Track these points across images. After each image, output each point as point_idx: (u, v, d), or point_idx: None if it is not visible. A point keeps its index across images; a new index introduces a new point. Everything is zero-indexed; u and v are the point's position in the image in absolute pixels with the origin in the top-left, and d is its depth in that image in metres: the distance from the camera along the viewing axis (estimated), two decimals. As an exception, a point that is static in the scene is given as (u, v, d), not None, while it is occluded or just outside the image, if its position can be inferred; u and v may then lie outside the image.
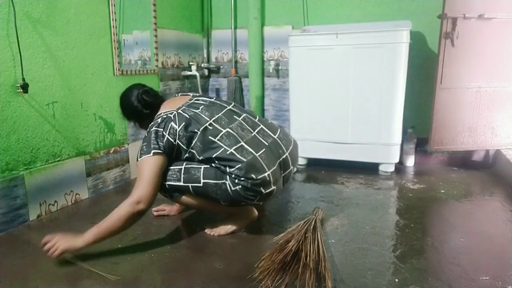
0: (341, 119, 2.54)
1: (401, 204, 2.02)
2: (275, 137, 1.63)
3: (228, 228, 1.67)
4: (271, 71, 3.11)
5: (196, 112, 1.59)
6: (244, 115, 1.66)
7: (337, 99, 2.53)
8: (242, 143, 1.52)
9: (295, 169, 1.71)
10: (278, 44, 3.08)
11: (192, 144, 1.55)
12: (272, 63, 3.11)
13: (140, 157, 1.53)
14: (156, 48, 2.62)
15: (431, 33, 2.68)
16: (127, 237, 1.65)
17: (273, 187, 1.54)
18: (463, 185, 2.30)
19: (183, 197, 1.61)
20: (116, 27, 2.23)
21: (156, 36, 2.60)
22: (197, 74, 3.00)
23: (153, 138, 1.53)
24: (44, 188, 1.86)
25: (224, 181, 1.52)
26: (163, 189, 1.58)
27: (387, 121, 2.44)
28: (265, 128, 1.64)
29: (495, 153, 2.64)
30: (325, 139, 2.62)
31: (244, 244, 1.59)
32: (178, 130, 1.54)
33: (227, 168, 1.50)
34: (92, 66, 2.11)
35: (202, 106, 1.62)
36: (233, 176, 1.50)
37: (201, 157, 1.55)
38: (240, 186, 1.49)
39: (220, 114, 1.61)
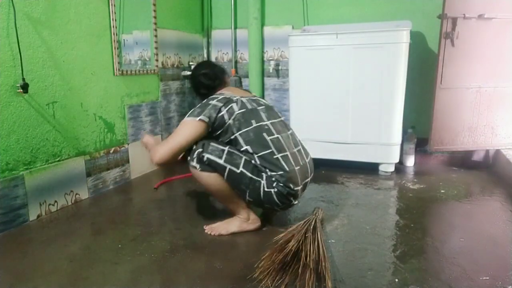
0: (341, 119, 2.54)
1: (401, 204, 2.02)
2: (307, 161, 1.75)
3: (228, 228, 1.68)
4: (271, 71, 3.11)
5: (257, 108, 1.69)
6: (291, 131, 1.78)
7: (337, 99, 2.53)
8: (288, 153, 1.63)
9: None
10: (278, 44, 3.09)
11: (243, 131, 1.61)
12: (272, 63, 3.11)
13: (187, 116, 1.63)
14: (156, 48, 2.62)
15: (431, 33, 2.68)
16: (127, 237, 1.65)
17: (296, 202, 1.67)
18: (463, 185, 2.30)
19: (211, 174, 1.59)
20: (116, 27, 2.23)
21: (156, 36, 2.60)
22: (197, 74, 3.00)
23: (209, 108, 1.61)
24: (44, 188, 1.86)
25: (260, 179, 1.58)
26: (198, 159, 1.59)
27: (387, 121, 2.44)
28: (302, 150, 1.76)
29: (495, 153, 2.64)
30: (325, 139, 2.62)
31: (244, 244, 1.59)
32: (236, 112, 1.62)
33: (267, 170, 1.58)
34: (92, 66, 2.11)
35: (263, 107, 1.72)
36: (272, 179, 1.57)
37: (247, 147, 1.59)
38: (276, 190, 1.57)
39: (275, 121, 1.71)
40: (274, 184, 1.57)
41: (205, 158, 1.58)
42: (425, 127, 2.62)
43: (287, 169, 1.58)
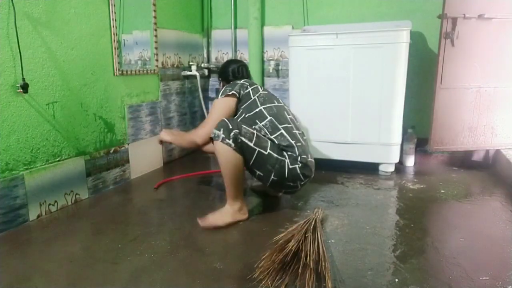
0: (341, 119, 2.54)
1: (401, 204, 2.02)
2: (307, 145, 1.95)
3: (224, 219, 1.75)
4: (271, 71, 3.11)
5: (276, 97, 1.99)
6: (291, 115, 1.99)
7: (337, 99, 2.52)
8: (298, 132, 1.88)
9: None
10: (278, 44, 3.09)
11: (267, 106, 1.87)
12: (272, 63, 3.11)
13: (220, 95, 1.90)
14: (156, 48, 2.62)
15: (431, 33, 2.68)
16: (127, 237, 1.65)
17: (312, 175, 1.87)
18: (463, 185, 2.30)
19: (239, 156, 1.70)
20: (116, 27, 2.23)
21: (156, 36, 2.60)
22: (197, 74, 3.00)
23: (238, 86, 1.91)
24: (44, 188, 1.86)
25: (283, 158, 1.77)
26: (234, 139, 1.68)
27: (387, 121, 2.44)
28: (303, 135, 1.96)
29: (495, 153, 2.64)
30: (325, 139, 2.62)
31: (244, 244, 1.60)
32: (261, 91, 1.93)
33: (288, 147, 1.79)
34: (92, 66, 2.11)
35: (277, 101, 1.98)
36: (294, 155, 1.78)
37: (271, 118, 1.83)
38: (299, 165, 1.78)
39: (288, 115, 1.93)
40: (299, 159, 1.78)
41: (239, 140, 1.70)
42: (425, 127, 2.62)
43: (303, 143, 1.84)
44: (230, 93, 1.89)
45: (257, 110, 1.86)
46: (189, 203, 2.08)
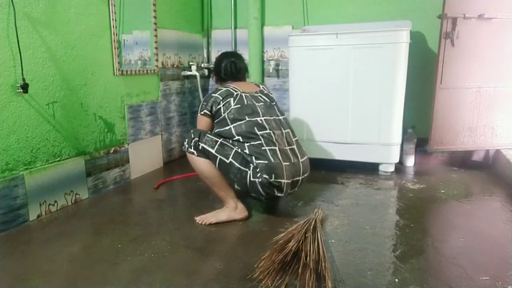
0: (341, 119, 2.54)
1: (401, 204, 2.02)
2: (300, 160, 1.85)
3: (218, 217, 1.80)
4: (271, 71, 3.11)
5: (255, 104, 1.86)
6: (288, 130, 1.91)
7: (337, 99, 2.52)
8: (277, 148, 1.76)
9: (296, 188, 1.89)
10: (278, 44, 3.08)
11: (236, 124, 1.80)
12: (272, 63, 3.11)
13: (198, 112, 1.91)
14: (156, 48, 2.62)
15: (431, 33, 2.68)
16: (127, 237, 1.65)
17: (281, 195, 1.77)
18: (463, 185, 2.30)
19: (205, 160, 1.79)
20: (116, 27, 2.23)
21: (156, 36, 2.60)
22: (197, 74, 3.00)
23: (211, 101, 1.86)
24: (44, 188, 1.86)
25: (247, 170, 1.73)
26: (195, 146, 1.79)
27: (387, 121, 2.44)
28: (296, 149, 1.87)
29: (495, 153, 2.64)
30: (325, 139, 2.62)
31: (244, 244, 1.59)
32: (232, 107, 1.83)
33: (254, 160, 1.72)
34: (92, 66, 2.11)
35: (262, 104, 1.89)
36: (257, 169, 1.71)
37: (238, 137, 1.77)
38: (259, 180, 1.70)
39: (271, 118, 1.86)
40: (259, 175, 1.70)
41: (200, 147, 1.78)
42: (425, 127, 2.62)
43: (272, 161, 1.71)
44: (202, 112, 1.87)
45: (226, 128, 1.81)
46: (189, 203, 2.08)
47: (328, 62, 2.50)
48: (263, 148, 1.74)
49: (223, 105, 1.83)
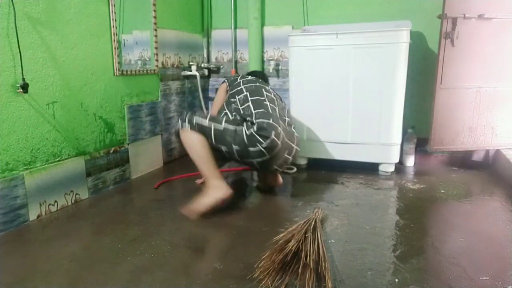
0: (341, 119, 2.54)
1: (401, 204, 2.02)
2: (295, 134, 2.01)
3: (205, 202, 1.81)
4: (271, 71, 3.11)
5: (263, 90, 2.08)
6: (285, 116, 2.07)
7: (337, 99, 2.53)
8: (272, 113, 1.91)
9: (291, 156, 2.00)
10: (278, 44, 3.09)
11: (247, 85, 2.09)
12: (272, 63, 3.11)
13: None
14: (156, 48, 2.62)
15: (431, 33, 2.68)
16: (127, 237, 1.65)
17: (278, 147, 1.83)
18: (463, 185, 2.30)
19: (198, 136, 1.86)
20: (116, 27, 2.23)
21: (156, 36, 2.60)
22: (197, 74, 3.00)
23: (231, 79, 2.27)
24: (44, 188, 1.86)
25: (241, 127, 1.84)
26: (189, 121, 1.89)
27: (387, 121, 2.44)
28: (290, 123, 2.05)
29: (495, 153, 2.64)
30: (325, 139, 2.62)
31: (244, 244, 1.59)
32: (244, 79, 2.18)
33: (245, 121, 1.86)
34: (92, 66, 2.11)
35: (268, 92, 2.11)
36: (251, 121, 1.84)
37: (246, 92, 2.03)
38: (255, 128, 1.80)
39: (273, 96, 2.11)
40: (255, 123, 1.82)
41: (194, 121, 1.87)
42: (425, 127, 2.62)
43: (270, 112, 1.91)
44: (223, 81, 2.29)
45: (238, 88, 2.08)
46: (189, 203, 2.08)
47: (328, 62, 2.50)
48: (264, 103, 1.95)
49: (241, 79, 2.18)
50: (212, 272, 1.36)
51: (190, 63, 3.04)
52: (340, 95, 2.51)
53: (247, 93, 2.02)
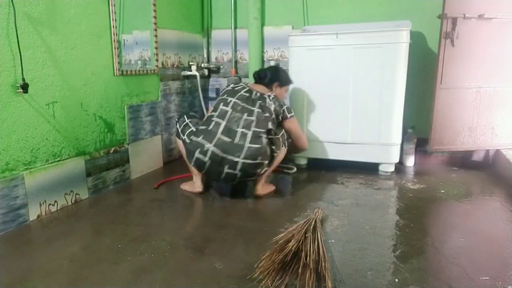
0: (341, 119, 2.54)
1: (401, 204, 2.02)
2: (247, 145, 1.95)
3: (185, 187, 2.27)
4: (271, 71, 3.10)
5: (234, 99, 2.13)
6: (253, 119, 2.03)
7: (337, 99, 2.53)
8: (224, 123, 2.02)
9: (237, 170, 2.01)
10: (278, 44, 3.09)
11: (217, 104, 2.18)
12: (272, 63, 3.11)
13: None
14: (156, 48, 2.62)
15: (431, 33, 2.68)
16: (127, 237, 1.65)
17: (205, 160, 1.97)
18: (463, 185, 2.30)
19: (181, 144, 2.19)
20: (116, 27, 2.23)
21: (156, 36, 2.60)
22: (197, 74, 3.00)
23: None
24: (44, 188, 1.86)
25: (185, 137, 2.11)
26: (177, 133, 2.24)
27: (387, 121, 2.44)
28: (249, 136, 1.97)
29: (495, 153, 2.64)
30: (325, 139, 2.62)
31: (244, 244, 1.59)
32: (228, 87, 2.25)
33: (199, 126, 2.09)
34: (92, 66, 2.11)
35: (248, 96, 2.14)
36: (194, 131, 2.07)
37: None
38: (188, 140, 2.05)
39: (243, 104, 2.09)
40: (190, 136, 2.04)
41: (180, 133, 2.17)
42: (425, 127, 2.62)
43: (209, 128, 2.00)
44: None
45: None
46: (189, 203, 2.08)
47: (328, 62, 2.50)
48: (212, 118, 2.05)
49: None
50: (212, 272, 1.36)
51: (190, 63, 3.04)
52: (340, 95, 2.51)
53: (213, 107, 2.15)
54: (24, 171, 1.77)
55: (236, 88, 2.18)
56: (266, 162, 2.01)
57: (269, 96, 2.16)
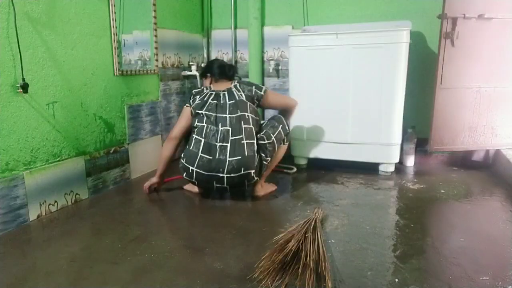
0: (341, 119, 2.54)
1: (401, 204, 2.02)
2: (229, 159, 1.93)
3: (186, 186, 2.28)
4: (271, 71, 3.11)
5: (212, 102, 2.08)
6: (228, 128, 1.99)
7: (337, 99, 2.52)
8: (202, 140, 1.99)
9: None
10: (278, 44, 3.09)
11: (195, 111, 2.12)
12: (272, 63, 3.11)
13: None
14: (156, 48, 2.62)
15: (431, 33, 2.68)
16: (127, 237, 1.65)
17: (195, 182, 2.03)
18: (463, 185, 2.30)
19: None
20: (116, 27, 2.23)
21: (156, 36, 2.60)
22: (197, 74, 3.00)
23: (190, 97, 2.20)
24: (44, 188, 1.86)
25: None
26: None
27: (387, 121, 2.44)
28: (228, 148, 1.95)
29: (495, 153, 2.64)
30: (325, 139, 2.62)
31: (244, 244, 1.59)
32: (196, 102, 2.13)
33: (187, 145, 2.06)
34: (92, 66, 2.11)
35: (216, 102, 2.08)
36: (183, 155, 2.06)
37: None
38: (180, 164, 2.05)
39: (215, 114, 2.04)
40: (183, 159, 2.03)
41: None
42: (425, 127, 2.62)
43: (190, 148, 2.00)
44: (186, 105, 2.21)
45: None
46: (189, 203, 2.08)
47: (328, 62, 2.50)
48: (193, 135, 2.04)
49: (192, 100, 2.17)
50: (212, 272, 1.36)
51: (190, 63, 3.04)
52: (340, 95, 2.51)
53: (197, 118, 2.10)
54: (24, 171, 1.77)
55: (205, 99, 2.10)
56: (253, 171, 1.96)
57: (234, 86, 2.12)
